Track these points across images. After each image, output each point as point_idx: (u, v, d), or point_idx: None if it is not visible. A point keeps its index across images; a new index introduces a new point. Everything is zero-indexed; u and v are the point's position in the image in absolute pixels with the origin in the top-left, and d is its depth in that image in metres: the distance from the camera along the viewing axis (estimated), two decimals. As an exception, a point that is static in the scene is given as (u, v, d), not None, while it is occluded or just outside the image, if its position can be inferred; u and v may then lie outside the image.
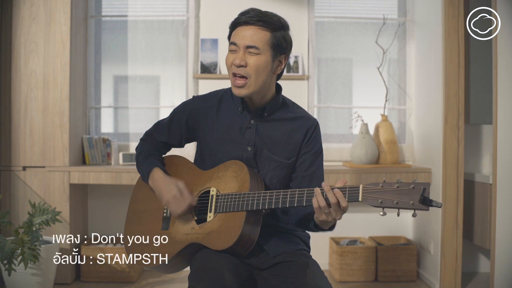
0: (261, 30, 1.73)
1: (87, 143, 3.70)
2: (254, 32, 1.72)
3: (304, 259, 1.76)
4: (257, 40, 1.72)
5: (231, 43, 1.77)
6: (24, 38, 3.42)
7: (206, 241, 1.70)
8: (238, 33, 1.75)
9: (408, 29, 3.97)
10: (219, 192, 1.77)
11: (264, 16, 1.74)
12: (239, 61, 1.72)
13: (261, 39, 1.72)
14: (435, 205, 1.40)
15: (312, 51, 3.93)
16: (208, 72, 3.86)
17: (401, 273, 3.62)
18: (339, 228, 2.08)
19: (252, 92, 1.75)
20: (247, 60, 1.72)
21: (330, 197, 1.51)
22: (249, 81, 1.73)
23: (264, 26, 1.73)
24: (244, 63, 1.72)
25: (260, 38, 1.72)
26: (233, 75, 1.76)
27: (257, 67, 1.73)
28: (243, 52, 1.73)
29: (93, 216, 3.85)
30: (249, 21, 1.73)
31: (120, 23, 3.97)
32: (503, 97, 2.96)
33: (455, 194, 3.35)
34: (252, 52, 1.72)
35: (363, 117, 3.77)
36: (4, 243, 2.84)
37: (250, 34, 1.72)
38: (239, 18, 1.76)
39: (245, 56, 1.73)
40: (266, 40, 1.73)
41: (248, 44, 1.72)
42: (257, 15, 1.73)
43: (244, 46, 1.72)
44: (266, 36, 1.73)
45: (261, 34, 1.72)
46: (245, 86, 1.74)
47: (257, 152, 1.83)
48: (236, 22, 1.77)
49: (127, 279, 3.49)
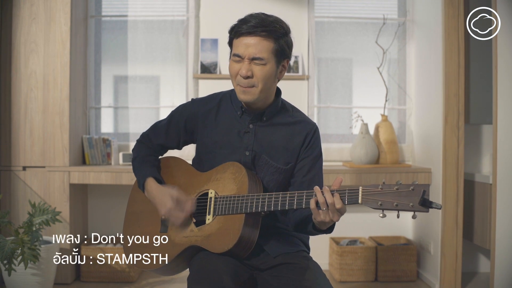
0: (265, 40, 1.70)
1: (87, 143, 3.70)
2: (257, 42, 1.69)
3: (304, 261, 1.76)
4: (262, 50, 1.69)
5: (235, 55, 1.73)
6: (24, 38, 3.42)
7: (205, 244, 1.70)
8: (241, 44, 1.71)
9: (408, 29, 3.97)
10: (218, 194, 1.76)
11: (267, 25, 1.69)
12: (245, 71, 1.70)
13: (266, 49, 1.70)
14: (435, 207, 1.40)
15: (312, 51, 3.92)
16: (208, 72, 3.86)
17: (401, 273, 3.62)
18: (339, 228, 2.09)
19: (257, 98, 1.75)
20: (253, 70, 1.70)
21: (327, 197, 1.52)
22: (255, 89, 1.72)
23: (267, 35, 1.70)
24: (250, 74, 1.70)
25: (264, 48, 1.70)
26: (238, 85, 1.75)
27: (263, 77, 1.71)
28: (248, 63, 1.71)
29: (93, 216, 3.85)
30: (252, 31, 1.69)
31: (120, 23, 3.96)
32: (503, 97, 2.96)
33: (455, 194, 3.35)
34: (258, 63, 1.70)
35: (363, 117, 3.77)
36: (4, 243, 2.84)
37: (254, 45, 1.69)
38: (241, 28, 1.71)
39: (251, 67, 1.70)
40: (270, 49, 1.71)
41: (253, 55, 1.69)
42: (260, 24, 1.69)
43: (249, 58, 1.70)
44: (270, 46, 1.71)
45: (265, 44, 1.70)
46: (251, 92, 1.73)
47: (256, 157, 1.82)
48: (237, 31, 1.72)
49: (127, 279, 3.49)
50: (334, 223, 1.63)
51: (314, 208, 1.55)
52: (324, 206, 1.53)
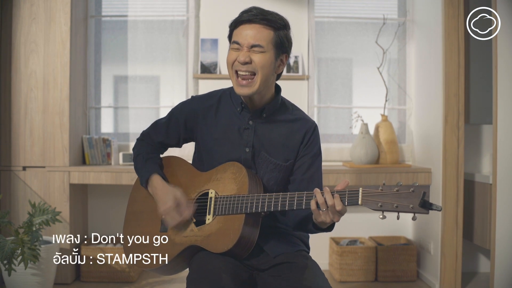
0: (264, 28, 1.70)
1: (87, 143, 3.70)
2: (257, 30, 1.70)
3: (304, 260, 1.76)
4: (261, 38, 1.70)
5: (234, 42, 1.73)
6: (24, 38, 3.42)
7: (205, 243, 1.70)
8: (241, 32, 1.72)
9: (408, 29, 3.97)
10: (218, 194, 1.76)
11: (267, 15, 1.72)
12: (243, 58, 1.69)
13: (265, 38, 1.70)
14: (435, 208, 1.40)
15: (312, 51, 3.92)
16: (208, 72, 3.86)
17: (401, 273, 3.62)
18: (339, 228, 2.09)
19: (255, 90, 1.73)
20: (252, 57, 1.70)
21: (327, 198, 1.52)
22: (255, 78, 1.71)
23: (267, 24, 1.71)
24: (249, 59, 1.70)
25: (264, 37, 1.70)
26: (236, 74, 1.73)
27: (262, 64, 1.70)
28: (247, 50, 1.70)
29: (93, 216, 3.85)
30: (252, 19, 1.70)
31: (120, 23, 3.96)
32: (503, 97, 2.96)
33: (455, 194, 3.35)
34: (257, 51, 1.70)
35: (363, 117, 3.77)
36: (4, 243, 2.84)
37: (253, 33, 1.70)
38: (241, 17, 1.73)
39: (250, 54, 1.70)
40: (269, 38, 1.71)
41: (252, 43, 1.69)
42: (260, 13, 1.71)
43: (248, 45, 1.70)
44: (270, 35, 1.71)
45: (265, 32, 1.70)
46: (249, 85, 1.72)
47: (255, 153, 1.82)
48: (238, 20, 1.74)
49: (127, 279, 3.49)
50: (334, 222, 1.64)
51: (314, 209, 1.56)
52: (324, 207, 1.53)
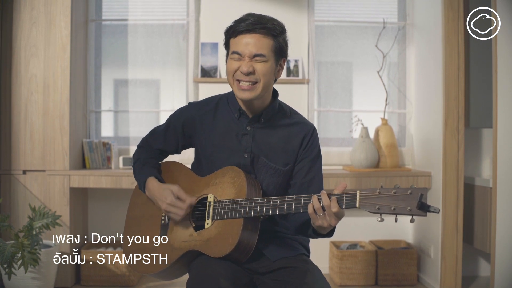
0: (264, 37, 1.70)
1: (87, 147, 3.70)
2: (258, 39, 1.69)
3: (304, 264, 1.75)
4: (262, 47, 1.69)
5: (234, 52, 1.72)
6: (25, 41, 3.43)
7: (204, 248, 1.70)
8: (240, 42, 1.71)
9: (408, 33, 3.97)
10: (217, 198, 1.76)
11: (266, 22, 1.71)
12: (247, 68, 1.69)
13: (266, 46, 1.70)
14: (433, 210, 1.40)
15: (312, 55, 3.93)
16: (208, 76, 3.86)
17: (401, 277, 3.61)
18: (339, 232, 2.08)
19: (257, 95, 1.73)
20: (254, 67, 1.70)
21: (324, 199, 1.52)
22: (257, 85, 1.72)
23: (267, 33, 1.70)
24: (252, 69, 1.70)
25: (264, 46, 1.70)
26: (237, 81, 1.73)
27: (264, 73, 1.71)
28: (249, 60, 1.70)
29: (93, 220, 3.85)
30: (251, 29, 1.69)
31: (120, 27, 3.97)
32: (503, 101, 2.95)
33: (455, 198, 3.35)
34: (258, 60, 1.70)
35: (363, 121, 3.77)
36: (4, 247, 2.84)
37: (254, 42, 1.69)
38: (239, 26, 1.71)
39: (252, 63, 1.70)
40: (270, 47, 1.71)
41: (255, 52, 1.69)
42: (258, 21, 1.70)
43: (250, 55, 1.70)
44: (270, 43, 1.71)
45: (265, 41, 1.70)
46: (251, 89, 1.72)
47: (254, 158, 1.82)
48: (235, 30, 1.72)
49: (127, 283, 3.49)
50: (334, 228, 1.64)
51: (311, 213, 1.56)
52: (320, 212, 1.53)
